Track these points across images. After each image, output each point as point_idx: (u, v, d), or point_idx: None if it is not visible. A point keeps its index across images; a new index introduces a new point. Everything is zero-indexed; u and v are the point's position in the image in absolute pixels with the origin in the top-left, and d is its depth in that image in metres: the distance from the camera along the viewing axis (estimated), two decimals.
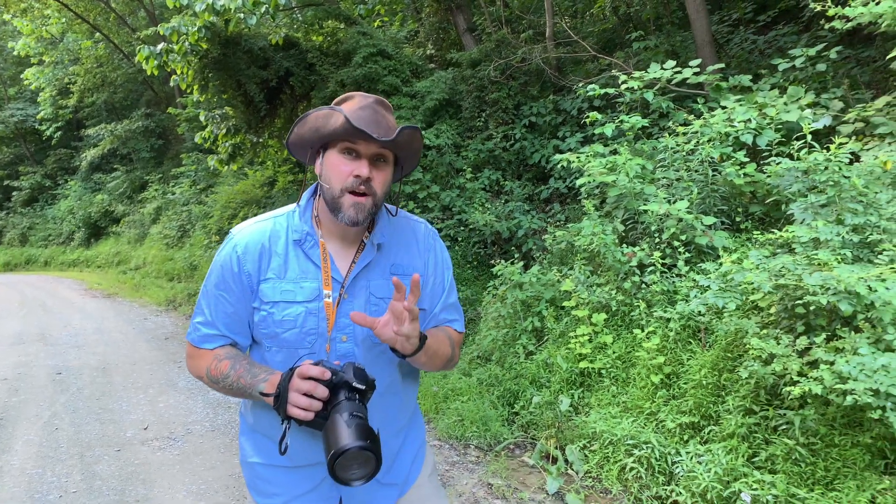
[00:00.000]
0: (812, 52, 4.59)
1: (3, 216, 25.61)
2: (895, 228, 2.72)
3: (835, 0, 4.12)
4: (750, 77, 4.99)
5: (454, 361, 1.47)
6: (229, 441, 4.02)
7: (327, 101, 8.90)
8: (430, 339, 1.31)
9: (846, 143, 3.80)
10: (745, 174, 4.08)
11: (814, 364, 2.50)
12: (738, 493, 2.56)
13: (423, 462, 1.56)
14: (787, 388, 2.43)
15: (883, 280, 2.33)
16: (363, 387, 1.22)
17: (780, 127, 4.29)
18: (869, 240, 2.77)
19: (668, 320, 3.65)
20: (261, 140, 10.96)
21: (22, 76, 22.04)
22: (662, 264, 3.93)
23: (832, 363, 2.29)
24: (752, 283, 2.80)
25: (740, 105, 4.45)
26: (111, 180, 20.48)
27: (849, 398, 2.13)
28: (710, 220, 3.94)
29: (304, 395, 1.18)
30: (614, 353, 3.88)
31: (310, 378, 1.18)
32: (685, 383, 3.35)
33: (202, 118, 10.74)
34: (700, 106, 4.90)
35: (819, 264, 2.57)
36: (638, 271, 4.03)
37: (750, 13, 7.48)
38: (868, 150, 3.73)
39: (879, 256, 2.65)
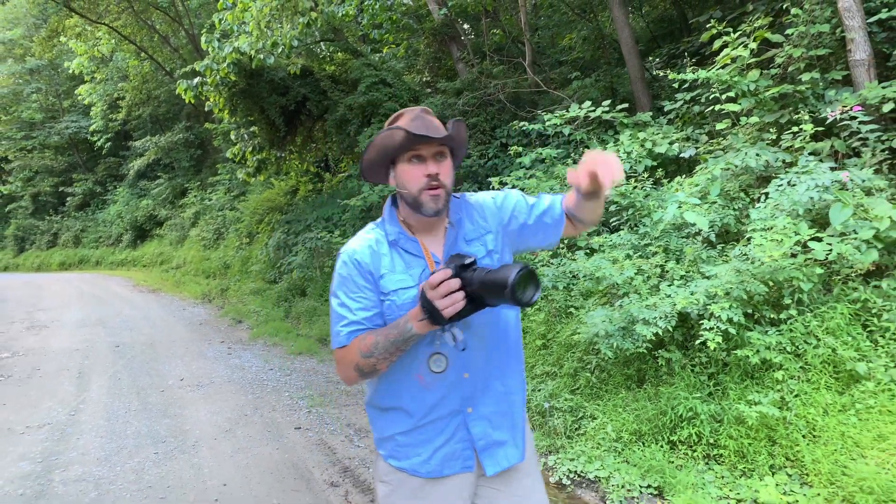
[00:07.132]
0: (688, 96, 5.89)
1: (58, 220, 27.91)
2: (662, 235, 4.07)
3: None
4: (651, 113, 6.31)
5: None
6: (239, 388, 5.54)
7: (338, 122, 10.43)
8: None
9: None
10: (622, 193, 5.42)
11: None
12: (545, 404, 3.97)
13: (527, 432, 1.75)
14: (573, 337, 3.82)
15: (619, 268, 3.70)
16: (471, 259, 1.43)
17: (657, 156, 5.61)
18: (643, 243, 4.12)
19: (553, 300, 5.03)
20: (283, 155, 12.52)
21: (76, 92, 24.11)
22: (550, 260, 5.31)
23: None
24: (576, 272, 4.18)
25: (628, 139, 5.78)
26: (155, 187, 22.35)
27: (583, 337, 3.52)
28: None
29: (444, 296, 1.36)
30: None
31: (436, 282, 1.37)
32: (555, 345, 4.73)
33: (232, 136, 12.34)
34: (607, 137, 6.25)
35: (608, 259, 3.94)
36: (538, 265, 5.41)
37: (692, 47, 8.73)
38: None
39: (655, 256, 4.00)
